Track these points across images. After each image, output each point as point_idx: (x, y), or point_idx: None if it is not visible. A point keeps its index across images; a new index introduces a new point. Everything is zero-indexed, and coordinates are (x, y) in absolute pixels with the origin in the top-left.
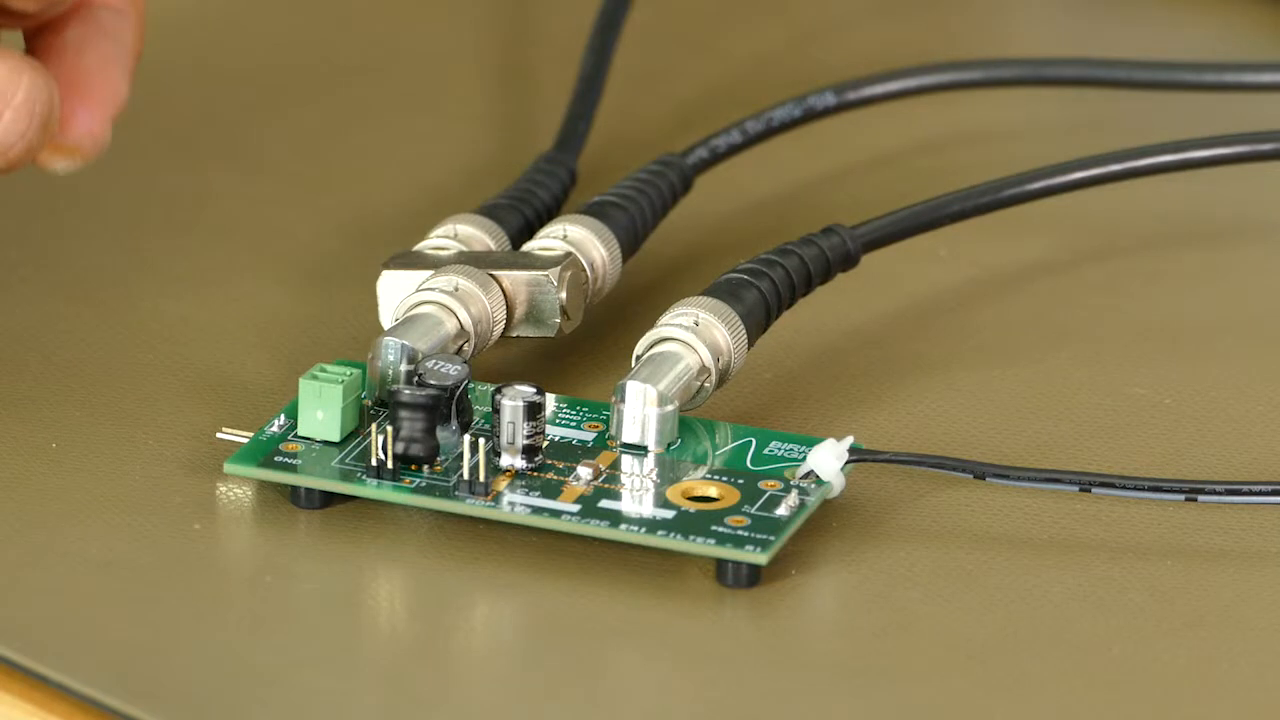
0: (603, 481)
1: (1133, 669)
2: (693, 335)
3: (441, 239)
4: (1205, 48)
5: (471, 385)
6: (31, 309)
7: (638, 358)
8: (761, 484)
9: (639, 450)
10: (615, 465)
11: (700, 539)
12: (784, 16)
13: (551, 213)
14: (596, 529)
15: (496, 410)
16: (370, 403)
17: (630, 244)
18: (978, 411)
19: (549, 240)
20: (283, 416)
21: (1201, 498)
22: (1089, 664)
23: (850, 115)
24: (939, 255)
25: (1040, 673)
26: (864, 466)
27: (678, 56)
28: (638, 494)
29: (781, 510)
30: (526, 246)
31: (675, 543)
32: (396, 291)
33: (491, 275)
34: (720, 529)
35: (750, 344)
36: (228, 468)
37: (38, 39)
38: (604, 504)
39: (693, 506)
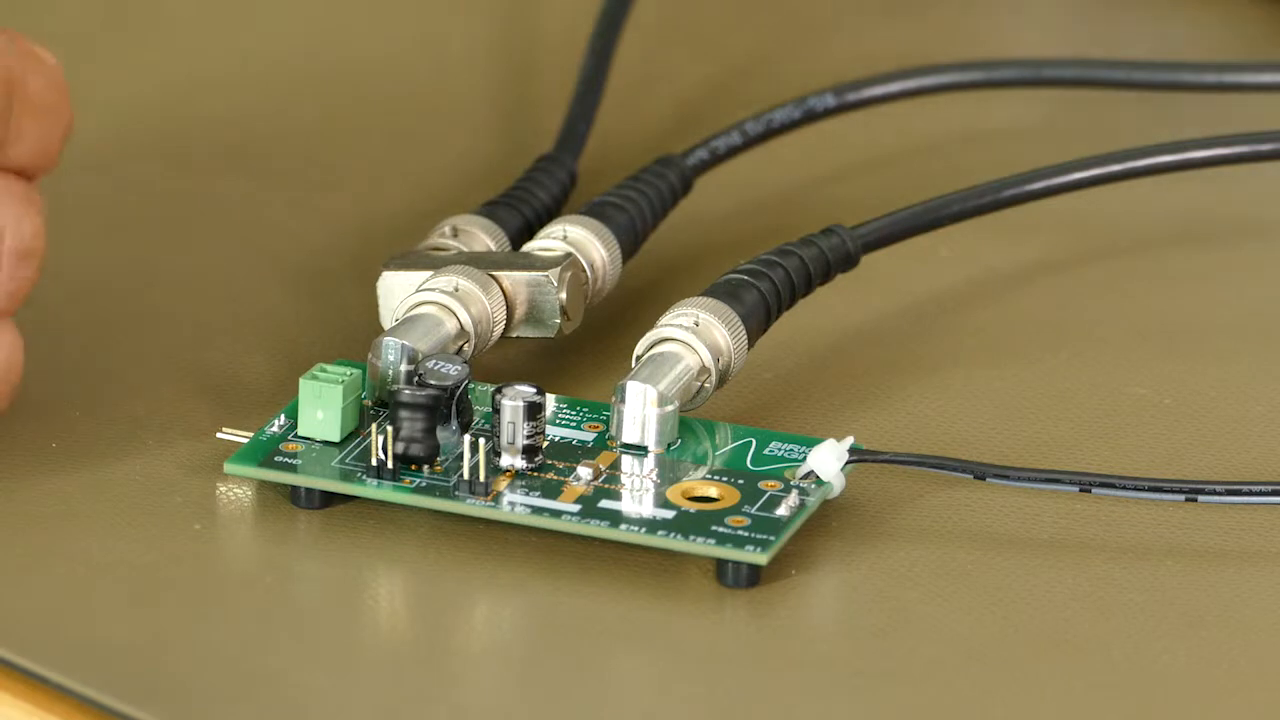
0: (603, 482)
1: (1133, 669)
2: (693, 336)
3: (441, 239)
4: (1205, 48)
5: (471, 385)
6: (31, 309)
7: (638, 358)
8: (761, 484)
9: (639, 450)
10: (615, 465)
11: (700, 539)
12: (784, 16)
13: (551, 213)
14: (596, 529)
15: (496, 410)
16: (370, 403)
17: (630, 245)
18: (978, 411)
19: (549, 241)
20: (283, 416)
21: (1201, 498)
22: (1089, 664)
23: (850, 116)
24: (939, 255)
25: (1040, 673)
26: (864, 466)
27: (678, 57)
28: (638, 494)
29: (781, 510)
30: (526, 247)
31: (675, 543)
32: (396, 292)
33: (491, 276)
34: (720, 529)
35: (750, 344)
36: (228, 468)
37: None
38: (604, 504)
39: (693, 507)
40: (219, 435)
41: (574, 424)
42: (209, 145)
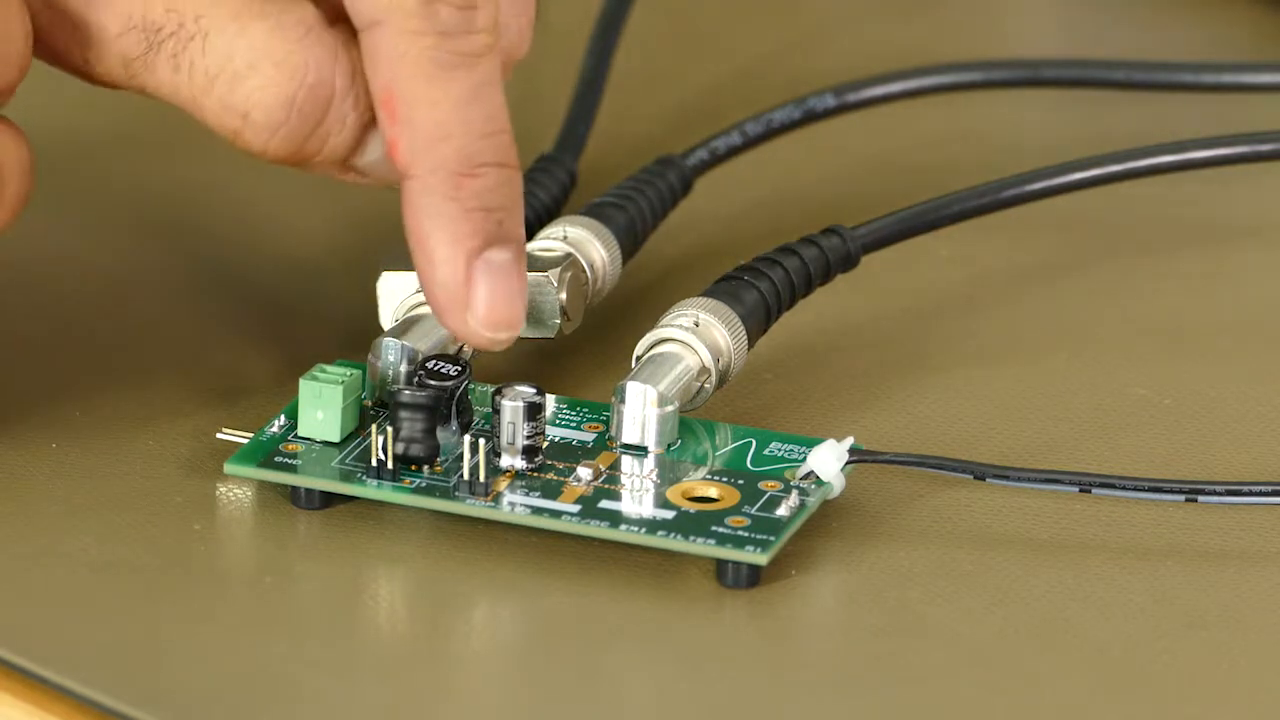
0: (603, 482)
1: (1133, 669)
2: (693, 336)
3: None
4: (1205, 48)
5: (471, 385)
6: (31, 309)
7: (638, 358)
8: (761, 484)
9: (639, 451)
10: (615, 466)
11: (700, 539)
12: (784, 17)
13: (551, 214)
14: (596, 529)
15: (496, 411)
16: (370, 403)
17: (630, 245)
18: (977, 412)
19: (549, 241)
20: (283, 417)
21: (1201, 498)
22: (1089, 664)
23: (850, 116)
24: (939, 255)
25: (1040, 673)
26: (864, 467)
27: (678, 57)
28: (638, 494)
29: (781, 511)
30: (527, 247)
31: (675, 543)
32: (397, 292)
33: None
34: (720, 529)
35: (750, 345)
36: (228, 468)
37: None
38: (604, 504)
39: (693, 507)
40: (219, 435)
41: (574, 424)
42: (209, 144)
